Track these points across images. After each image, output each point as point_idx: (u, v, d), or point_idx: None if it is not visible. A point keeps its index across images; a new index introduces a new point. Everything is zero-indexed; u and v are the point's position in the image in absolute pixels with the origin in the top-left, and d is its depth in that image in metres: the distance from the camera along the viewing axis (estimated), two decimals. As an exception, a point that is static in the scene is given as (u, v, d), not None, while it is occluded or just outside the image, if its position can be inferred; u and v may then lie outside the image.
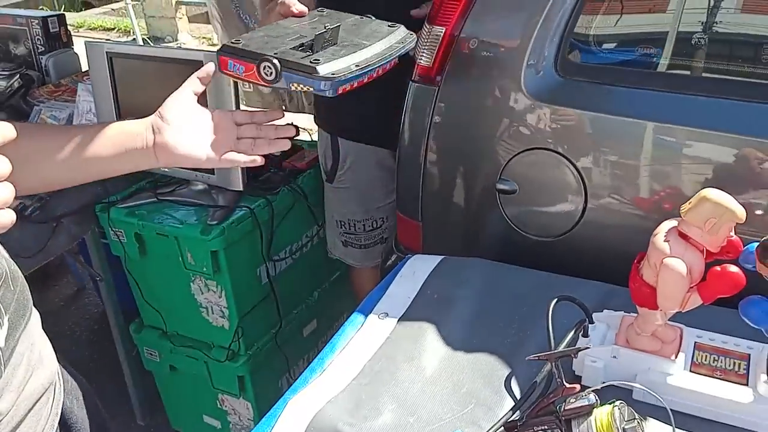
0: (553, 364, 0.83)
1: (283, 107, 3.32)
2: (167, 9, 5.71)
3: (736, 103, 1.15)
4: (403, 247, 1.52)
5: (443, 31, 1.33)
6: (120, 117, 1.86)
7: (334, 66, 0.92)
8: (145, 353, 1.97)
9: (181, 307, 1.86)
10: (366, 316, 1.12)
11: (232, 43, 1.00)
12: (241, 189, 1.73)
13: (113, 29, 6.64)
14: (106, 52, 1.78)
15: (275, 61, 0.94)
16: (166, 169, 1.84)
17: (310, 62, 0.92)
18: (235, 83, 1.62)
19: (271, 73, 0.97)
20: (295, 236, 1.96)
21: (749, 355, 0.89)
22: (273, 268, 1.88)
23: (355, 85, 0.96)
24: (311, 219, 1.98)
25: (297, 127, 2.20)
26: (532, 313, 1.06)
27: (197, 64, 1.62)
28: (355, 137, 1.81)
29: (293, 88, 0.97)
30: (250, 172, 1.76)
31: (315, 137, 2.16)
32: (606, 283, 1.11)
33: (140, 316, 1.96)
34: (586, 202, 1.23)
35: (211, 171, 1.74)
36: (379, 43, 0.99)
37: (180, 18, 5.87)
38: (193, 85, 0.93)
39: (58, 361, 0.88)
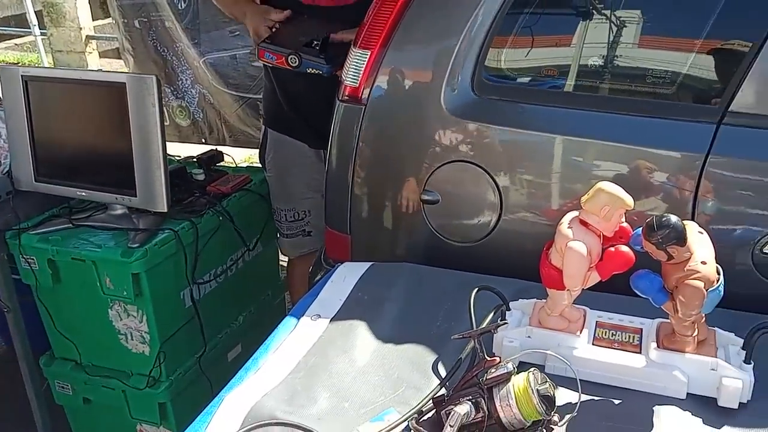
0: (476, 340, 0.91)
1: (203, 140, 3.35)
2: (76, 43, 5.54)
3: (628, 117, 1.30)
4: (332, 260, 1.57)
5: (368, 54, 1.43)
6: (35, 144, 1.83)
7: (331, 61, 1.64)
8: (56, 387, 1.89)
9: (97, 336, 1.81)
10: (298, 318, 1.16)
11: (265, 40, 1.73)
12: (165, 210, 1.73)
13: (17, 64, 6.38)
14: (22, 76, 1.76)
15: (299, 54, 1.64)
16: (83, 193, 1.83)
17: (320, 56, 1.64)
18: (161, 109, 1.67)
19: (295, 61, 1.64)
20: (220, 259, 1.97)
21: (641, 329, 1.01)
22: (197, 292, 1.87)
23: (331, 73, 1.64)
24: (238, 242, 2.00)
25: (221, 153, 2.27)
26: (455, 308, 1.15)
27: (120, 87, 1.67)
28: (277, 128, 2.05)
29: (309, 71, 1.64)
30: (173, 197, 1.77)
31: (240, 164, 2.27)
32: (521, 280, 1.21)
33: (51, 348, 1.89)
34: (501, 207, 1.34)
35: (133, 193, 1.73)
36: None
37: (90, 53, 5.71)
38: None
39: None
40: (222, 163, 2.12)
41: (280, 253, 2.32)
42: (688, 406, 0.90)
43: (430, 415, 0.89)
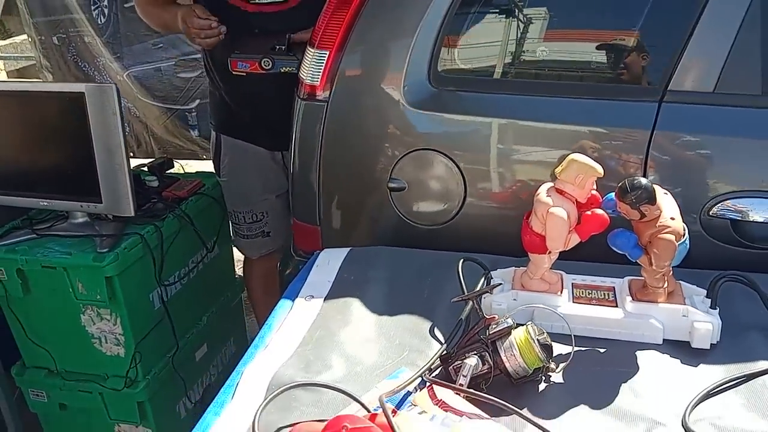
0: (475, 301, 1.00)
1: (132, 154, 3.32)
2: (-19, 65, 5.33)
3: (579, 100, 1.41)
4: (301, 251, 1.62)
5: (327, 54, 1.49)
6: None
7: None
8: (30, 395, 1.85)
9: (70, 342, 1.80)
10: (293, 300, 1.22)
11: (236, 52, 1.77)
12: (132, 214, 1.74)
13: None
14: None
15: (271, 56, 1.72)
16: (45, 203, 1.80)
17: (290, 55, 1.72)
18: (122, 118, 1.68)
19: (269, 64, 1.72)
20: (183, 261, 1.98)
21: (614, 287, 1.12)
22: (165, 293, 1.88)
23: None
24: (198, 244, 2.01)
25: (171, 159, 2.28)
26: (436, 282, 1.23)
27: (79, 97, 1.66)
28: (231, 134, 2.06)
29: (283, 70, 1.71)
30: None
31: (187, 170, 2.27)
32: (489, 255, 1.29)
33: (22, 357, 1.85)
34: (465, 190, 1.43)
35: (98, 200, 1.73)
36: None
37: (-4, 73, 5.49)
38: None
39: None
40: (173, 171, 2.14)
41: (234, 255, 2.34)
42: (665, 350, 1.01)
43: (436, 372, 0.97)
